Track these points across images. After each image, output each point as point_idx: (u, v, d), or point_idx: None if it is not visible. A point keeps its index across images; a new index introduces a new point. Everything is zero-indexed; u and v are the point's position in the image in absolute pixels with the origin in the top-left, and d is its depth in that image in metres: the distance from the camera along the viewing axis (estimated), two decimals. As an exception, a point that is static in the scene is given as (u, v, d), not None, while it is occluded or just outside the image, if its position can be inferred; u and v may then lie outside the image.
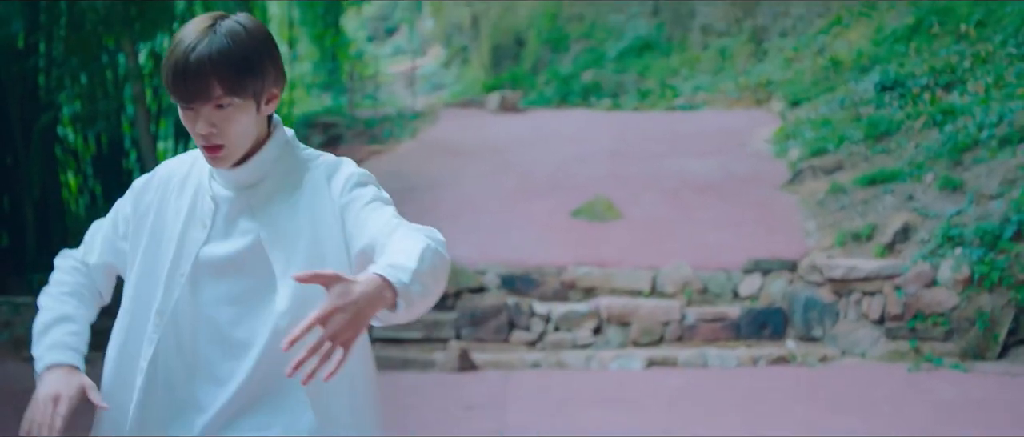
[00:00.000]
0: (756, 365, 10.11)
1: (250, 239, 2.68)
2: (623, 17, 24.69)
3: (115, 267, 2.88)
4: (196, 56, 2.52)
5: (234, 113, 2.58)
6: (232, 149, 2.63)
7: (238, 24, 2.59)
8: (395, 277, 2.34)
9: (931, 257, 10.35)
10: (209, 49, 2.53)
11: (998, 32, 15.45)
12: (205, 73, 2.52)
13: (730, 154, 14.97)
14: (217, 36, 2.55)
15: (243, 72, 2.56)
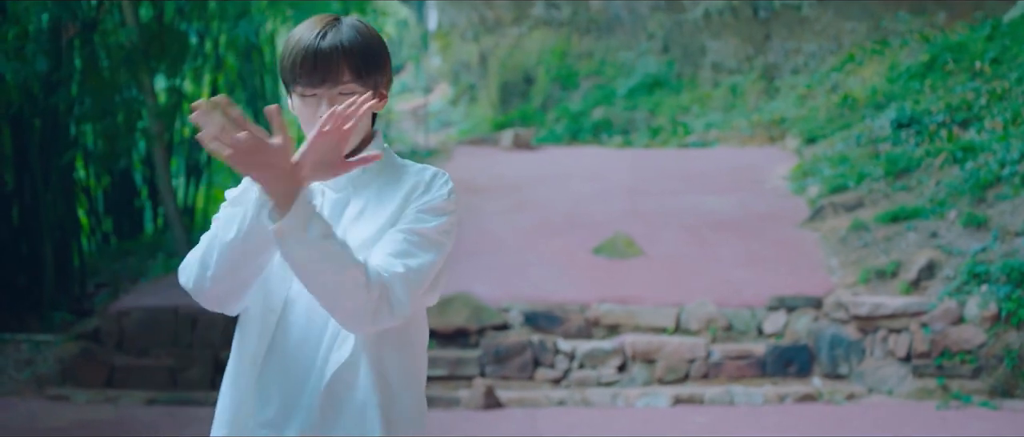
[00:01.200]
0: (783, 403, 10.05)
1: (347, 227, 2.75)
2: (633, 54, 24.73)
3: None
4: (329, 42, 2.65)
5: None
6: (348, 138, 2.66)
7: (359, 21, 2.76)
8: (298, 208, 2.48)
9: (957, 294, 10.32)
10: (340, 37, 2.67)
11: (1013, 69, 15.48)
12: (337, 58, 2.65)
13: (748, 191, 14.96)
14: (344, 28, 2.69)
15: (369, 62, 2.70)
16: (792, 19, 21.45)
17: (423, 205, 2.74)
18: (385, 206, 2.76)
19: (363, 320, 2.59)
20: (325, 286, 2.55)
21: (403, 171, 2.83)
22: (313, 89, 2.67)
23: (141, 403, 10.53)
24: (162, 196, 13.99)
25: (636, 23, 24.81)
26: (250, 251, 2.66)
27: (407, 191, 2.77)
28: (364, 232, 2.72)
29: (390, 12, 28.33)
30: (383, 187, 2.79)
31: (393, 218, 2.73)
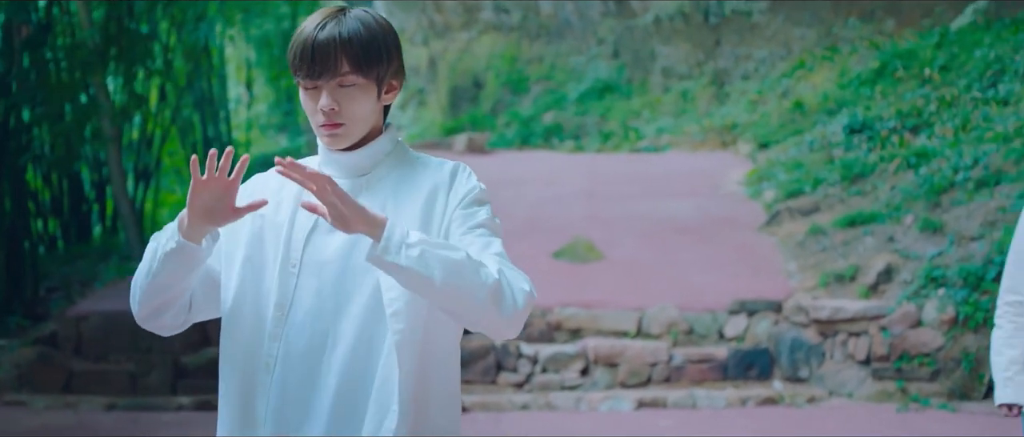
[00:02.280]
0: (745, 406, 10.13)
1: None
2: (583, 59, 24.81)
3: (213, 273, 2.84)
4: (326, 34, 2.63)
5: (356, 93, 2.66)
6: (350, 129, 2.69)
7: (366, 12, 2.71)
8: (392, 229, 2.50)
9: (915, 298, 10.46)
10: (339, 28, 2.64)
11: (961, 77, 15.72)
12: (334, 49, 2.62)
13: (704, 196, 15.06)
14: (347, 19, 2.66)
15: (369, 53, 2.65)
16: (742, 25, 21.62)
17: (464, 202, 2.72)
18: (404, 206, 2.71)
19: (518, 309, 2.59)
20: (466, 296, 2.56)
21: (419, 166, 2.80)
22: (313, 81, 2.65)
23: (101, 409, 10.43)
24: (116, 199, 13.87)
25: (586, 28, 24.90)
26: (163, 280, 2.72)
27: (429, 190, 2.73)
28: (409, 219, 2.69)
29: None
30: (399, 183, 2.75)
31: (420, 224, 2.69)
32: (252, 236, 2.78)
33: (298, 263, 2.70)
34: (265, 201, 2.68)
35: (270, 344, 2.70)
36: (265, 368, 2.70)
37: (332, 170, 2.74)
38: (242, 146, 23.70)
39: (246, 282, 2.75)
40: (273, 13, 23.05)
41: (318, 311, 2.67)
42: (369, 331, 2.65)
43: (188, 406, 10.50)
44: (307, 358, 2.68)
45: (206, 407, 10.44)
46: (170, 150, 19.90)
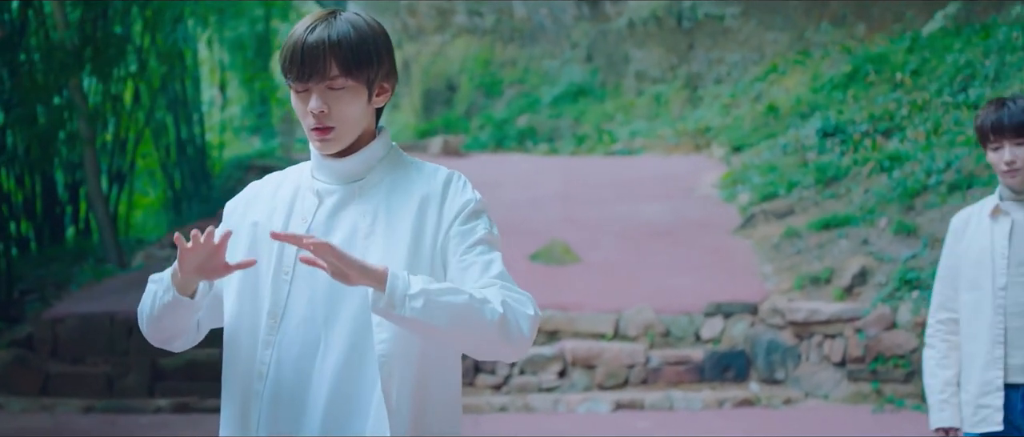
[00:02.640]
0: (721, 408, 10.20)
1: (350, 232, 2.69)
2: (557, 63, 24.88)
3: (217, 289, 2.84)
4: (316, 36, 2.60)
5: (346, 96, 2.63)
6: (341, 133, 2.66)
7: (357, 15, 2.68)
8: (394, 281, 2.48)
9: (890, 300, 10.56)
10: (328, 31, 2.61)
11: (932, 81, 15.86)
12: (323, 52, 2.59)
13: (679, 199, 15.15)
14: (337, 21, 2.63)
15: (360, 55, 2.62)
16: (715, 29, 21.74)
17: (461, 218, 2.70)
18: (397, 217, 2.69)
19: (523, 335, 2.59)
20: (473, 335, 2.58)
21: (413, 171, 2.77)
22: (302, 84, 2.63)
23: (78, 411, 10.40)
24: (92, 201, 13.81)
25: (560, 32, 24.97)
26: (166, 323, 2.78)
27: (420, 200, 2.70)
28: (379, 249, 2.66)
29: (311, 18, 28.21)
30: (391, 190, 2.72)
31: (412, 235, 2.67)
32: (248, 245, 2.77)
33: (291, 270, 2.69)
34: (254, 261, 2.67)
35: (263, 351, 2.69)
36: (259, 376, 2.69)
37: (325, 176, 2.74)
38: (216, 148, 23.64)
39: (243, 290, 2.75)
40: (247, 15, 23.00)
41: (310, 318, 2.67)
42: (361, 339, 2.64)
43: (166, 408, 10.48)
44: (299, 365, 2.66)
45: (184, 409, 10.44)
46: (144, 152, 19.83)
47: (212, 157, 22.87)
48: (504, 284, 2.62)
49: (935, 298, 4.40)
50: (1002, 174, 4.15)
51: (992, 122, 4.12)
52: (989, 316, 4.16)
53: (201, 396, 10.44)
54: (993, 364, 4.15)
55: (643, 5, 22.84)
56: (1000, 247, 4.18)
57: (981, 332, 4.19)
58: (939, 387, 4.31)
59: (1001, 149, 4.10)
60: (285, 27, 27.90)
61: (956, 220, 4.39)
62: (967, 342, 4.25)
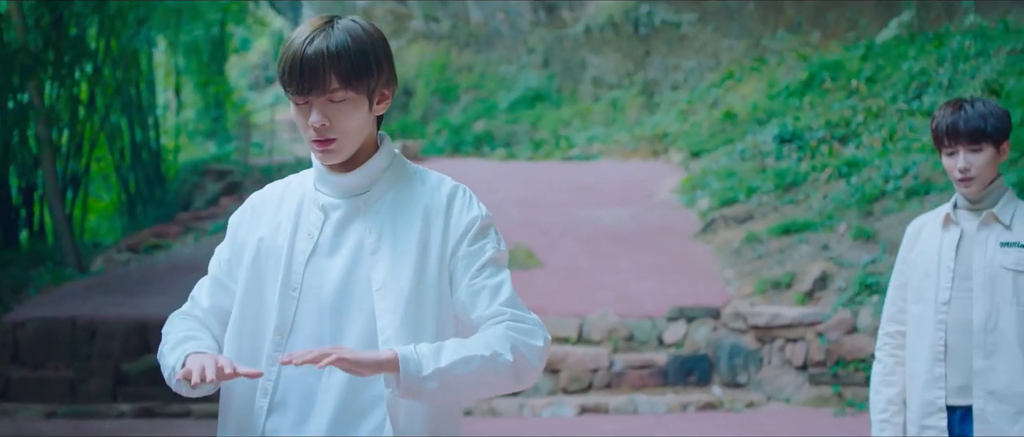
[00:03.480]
0: (685, 411, 10.27)
1: (356, 248, 2.66)
2: (513, 68, 24.94)
3: (228, 310, 2.79)
4: (314, 49, 2.54)
5: (347, 107, 2.59)
6: (343, 144, 2.62)
7: (355, 22, 2.62)
8: (406, 367, 2.48)
9: (850, 305, 10.68)
10: (327, 42, 2.55)
11: (888, 88, 16.06)
12: (322, 65, 2.54)
13: (639, 204, 15.23)
14: (335, 32, 2.57)
15: (359, 66, 2.57)
16: (672, 36, 21.88)
17: (469, 238, 2.67)
18: (402, 233, 2.66)
19: (534, 368, 2.62)
20: (490, 390, 2.62)
21: (416, 181, 2.73)
22: (302, 97, 2.57)
23: (40, 416, 10.32)
24: (51, 204, 13.70)
25: (516, 37, 25.03)
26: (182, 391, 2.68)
27: (424, 214, 2.67)
28: (385, 265, 2.63)
29: (268, 22, 28.16)
30: (396, 204, 2.69)
31: (417, 251, 2.64)
32: (252, 261, 2.72)
33: (299, 287, 2.66)
34: (261, 373, 2.60)
35: (268, 368, 2.65)
36: (263, 392, 2.66)
37: (328, 189, 2.70)
38: (171, 152, 23.53)
39: (247, 307, 2.71)
40: (202, 20, 22.90)
41: (317, 336, 2.63)
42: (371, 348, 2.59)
43: (129, 413, 10.42)
44: (304, 382, 2.63)
45: (147, 414, 10.39)
46: (98, 155, 19.71)
47: (167, 161, 22.79)
48: (513, 311, 2.62)
49: (886, 309, 4.17)
50: (956, 181, 3.90)
51: (947, 126, 3.86)
52: (930, 332, 3.91)
53: (164, 401, 10.39)
54: (934, 383, 3.90)
55: (600, 11, 22.96)
56: (946, 258, 3.93)
57: (923, 348, 3.94)
58: (881, 406, 4.10)
59: (955, 155, 3.86)
60: (240, 31, 27.84)
61: (911, 227, 4.15)
62: (910, 359, 4.01)
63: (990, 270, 3.86)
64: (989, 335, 3.85)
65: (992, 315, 3.84)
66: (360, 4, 27.00)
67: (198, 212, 18.28)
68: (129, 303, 12.02)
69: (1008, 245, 3.86)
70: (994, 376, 3.83)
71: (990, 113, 3.85)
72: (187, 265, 13.89)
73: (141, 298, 12.27)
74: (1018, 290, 3.84)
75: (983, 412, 3.84)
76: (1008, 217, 3.89)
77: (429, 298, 2.64)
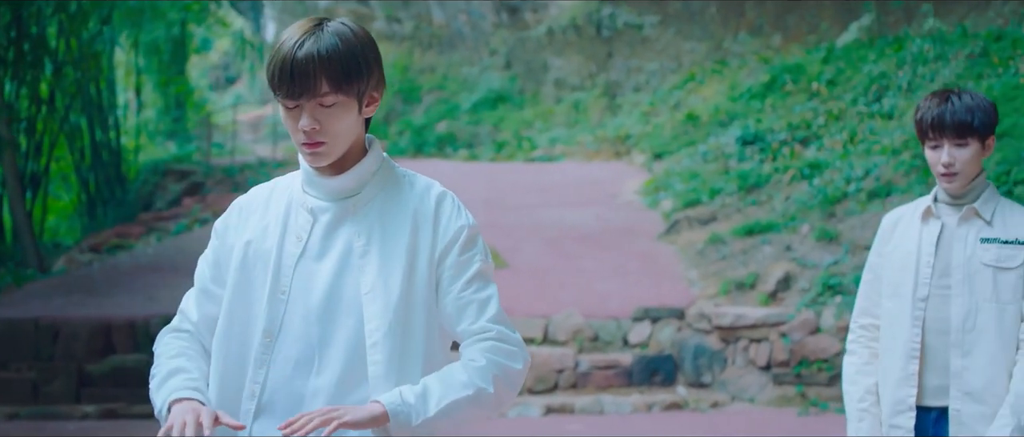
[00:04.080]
0: (650, 411, 10.32)
1: (345, 251, 2.65)
2: (476, 70, 24.98)
3: (217, 318, 2.78)
4: (305, 53, 2.53)
5: (338, 111, 2.57)
6: (333, 147, 2.60)
7: (344, 25, 2.61)
8: (396, 419, 2.51)
9: (813, 305, 10.77)
10: (317, 46, 2.53)
11: (848, 91, 16.22)
12: (313, 70, 2.53)
13: (603, 205, 15.29)
14: (325, 34, 2.56)
15: (350, 70, 2.56)
16: (634, 38, 21.98)
17: (457, 248, 2.67)
18: (392, 238, 2.66)
19: (514, 392, 2.68)
20: (474, 424, 2.64)
21: (404, 187, 2.72)
22: (292, 101, 2.56)
23: (2, 418, 10.23)
24: (12, 204, 13.58)
25: (479, 39, 25.06)
26: None
27: (414, 219, 2.67)
28: (374, 269, 2.63)
29: (229, 22, 28.03)
30: (385, 209, 2.68)
31: (407, 257, 2.64)
32: (239, 264, 2.71)
33: (288, 289, 2.65)
34: (243, 425, 2.60)
35: (256, 371, 2.64)
36: (250, 395, 2.65)
37: (317, 192, 2.69)
38: (131, 152, 23.39)
39: (235, 310, 2.70)
40: (163, 20, 22.76)
41: (305, 338, 2.62)
42: (356, 359, 2.61)
43: (93, 415, 10.35)
44: (292, 385, 2.63)
45: (111, 415, 10.32)
46: (58, 155, 19.57)
47: (127, 161, 22.64)
48: (499, 329, 2.65)
49: (859, 302, 4.04)
50: (938, 176, 3.76)
51: (933, 118, 3.71)
52: (906, 329, 3.80)
53: (128, 402, 10.33)
54: (906, 381, 3.79)
55: (562, 13, 23.03)
56: (926, 253, 3.81)
57: (897, 345, 3.82)
58: (859, 395, 3.93)
59: (939, 148, 3.72)
60: (201, 31, 27.71)
61: (887, 219, 4.03)
62: (884, 354, 3.89)
63: (970, 266, 3.75)
64: (967, 334, 3.75)
65: (971, 313, 3.74)
66: (322, 4, 26.95)
67: (160, 212, 18.21)
68: (92, 304, 11.95)
69: (988, 241, 3.75)
70: (971, 376, 3.73)
71: (977, 106, 3.72)
72: (150, 265, 13.84)
73: (105, 298, 12.21)
74: (998, 287, 3.73)
75: (959, 414, 3.74)
76: (989, 212, 3.77)
77: (418, 303, 2.64)
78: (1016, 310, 3.72)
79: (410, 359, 2.63)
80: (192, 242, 15.08)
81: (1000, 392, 3.71)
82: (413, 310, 2.63)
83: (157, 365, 2.74)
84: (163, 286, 12.52)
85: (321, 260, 2.65)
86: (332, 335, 2.62)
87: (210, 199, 17.64)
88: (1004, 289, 3.72)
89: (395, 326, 2.60)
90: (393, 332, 2.59)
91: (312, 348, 2.62)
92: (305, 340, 2.62)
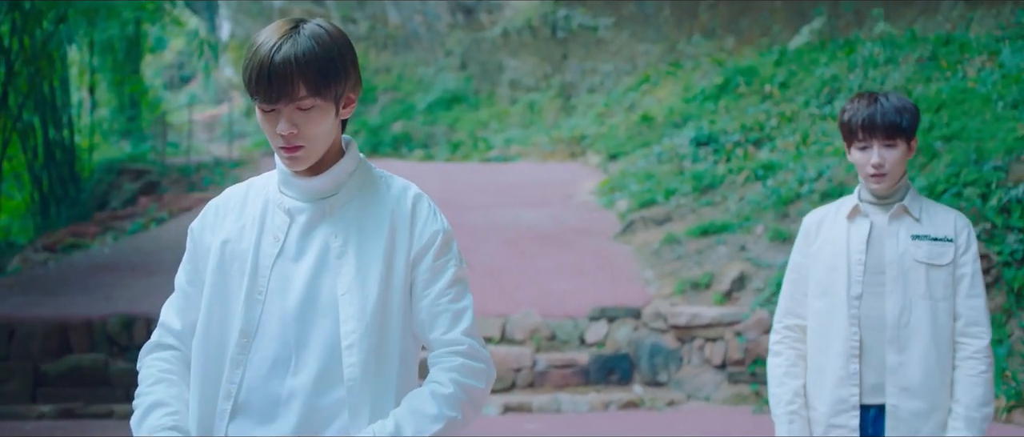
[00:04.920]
0: (607, 410, 10.41)
1: (322, 252, 2.64)
2: (431, 70, 25.03)
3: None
4: (282, 57, 2.50)
5: (315, 114, 2.55)
6: (311, 150, 2.59)
7: (320, 27, 2.58)
8: None
9: (768, 304, 10.89)
10: (294, 50, 2.51)
11: (800, 93, 16.41)
12: (290, 74, 2.50)
13: (559, 205, 15.38)
14: (301, 37, 2.53)
15: (327, 73, 2.54)
16: (589, 40, 22.10)
17: (432, 253, 2.68)
18: (369, 239, 2.65)
19: (479, 412, 2.69)
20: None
21: (382, 187, 2.73)
22: (270, 105, 2.53)
23: (-42, 418, 10.18)
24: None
25: (434, 39, 25.10)
26: None
27: (391, 220, 2.67)
28: (351, 271, 2.62)
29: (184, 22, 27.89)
30: (362, 209, 2.68)
31: (384, 259, 2.64)
32: (217, 264, 2.70)
33: (265, 290, 2.63)
34: None
35: (232, 371, 2.63)
36: (226, 395, 2.63)
37: (294, 192, 2.68)
38: (85, 151, 23.25)
39: (212, 310, 2.68)
40: (118, 18, 22.63)
41: (281, 339, 2.61)
42: (332, 360, 2.59)
43: (49, 414, 10.31)
44: (268, 385, 2.61)
45: (68, 415, 10.28)
46: (11, 154, 19.43)
47: (81, 160, 22.49)
48: (470, 344, 2.66)
49: (782, 302, 4.02)
50: (867, 177, 3.78)
51: (863, 119, 3.73)
52: (843, 327, 3.80)
53: (85, 402, 10.31)
54: (847, 380, 3.79)
55: (518, 15, 23.11)
56: (857, 252, 3.82)
57: (833, 344, 3.81)
58: (788, 398, 3.90)
59: (869, 149, 3.75)
60: (155, 30, 27.57)
61: (809, 220, 4.03)
62: (816, 354, 3.88)
63: (903, 263, 3.78)
64: (902, 329, 3.77)
65: (906, 309, 3.77)
66: (277, 4, 26.89)
67: (116, 212, 18.11)
68: (48, 303, 11.91)
69: (919, 238, 3.79)
70: (907, 372, 3.75)
71: (905, 108, 3.77)
72: (107, 265, 13.79)
73: (61, 298, 12.16)
74: (930, 284, 3.77)
75: (896, 410, 3.77)
76: (917, 210, 3.82)
77: (395, 305, 2.64)
78: (948, 307, 3.77)
79: (386, 361, 2.63)
80: (149, 241, 15.05)
81: (936, 387, 3.77)
82: (390, 312, 2.63)
83: (139, 392, 2.75)
84: (120, 286, 12.49)
85: (298, 261, 2.64)
86: (308, 336, 2.60)
87: (166, 198, 17.59)
88: (936, 286, 3.77)
89: (372, 328, 2.60)
90: (370, 334, 2.59)
91: (289, 348, 2.60)
92: (281, 340, 2.61)
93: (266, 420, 2.61)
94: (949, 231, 3.79)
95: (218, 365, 2.65)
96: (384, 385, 2.62)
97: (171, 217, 16.28)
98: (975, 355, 3.77)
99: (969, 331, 3.79)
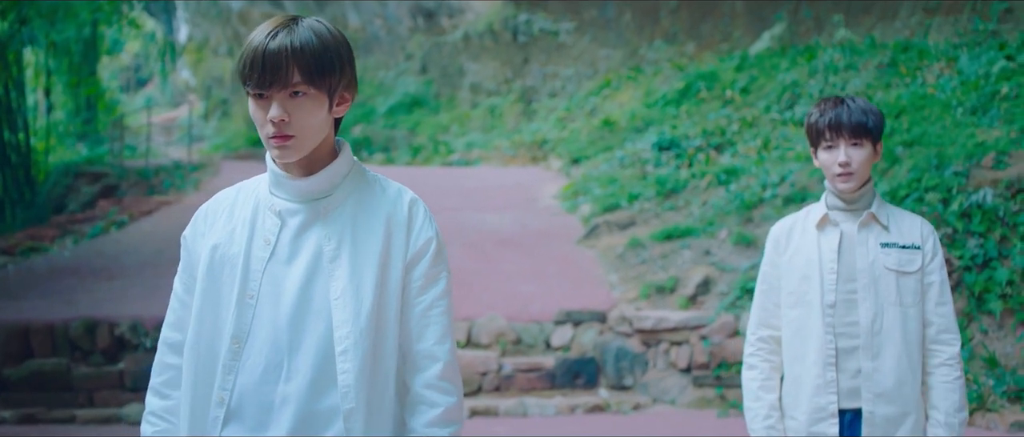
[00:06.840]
0: (573, 413, 10.42)
1: (315, 255, 2.62)
2: (392, 74, 25.00)
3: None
4: (277, 43, 2.51)
5: (307, 104, 2.55)
6: (301, 142, 2.57)
7: (319, 23, 2.60)
8: None
9: (732, 308, 10.96)
10: (290, 37, 2.52)
11: (761, 99, 16.50)
12: (285, 59, 2.51)
13: (522, 209, 15.39)
14: (299, 29, 2.54)
15: (322, 64, 2.55)
16: (550, 44, 22.15)
17: (426, 260, 2.68)
18: (364, 242, 2.63)
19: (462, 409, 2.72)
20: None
21: (377, 189, 2.71)
22: (262, 90, 2.52)
23: (-82, 423, 10.05)
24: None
25: (395, 43, 25.07)
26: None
27: (386, 224, 2.65)
28: (345, 274, 2.60)
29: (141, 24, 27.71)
30: (357, 213, 2.66)
31: (379, 262, 2.63)
32: (207, 269, 2.68)
33: (256, 294, 2.61)
34: None
35: (224, 377, 2.61)
36: (219, 402, 2.61)
37: (286, 194, 2.66)
38: (40, 154, 23.04)
39: (204, 315, 2.66)
40: (74, 20, 22.44)
41: (274, 343, 2.59)
42: (326, 365, 2.58)
43: (10, 420, 10.20)
44: (261, 390, 2.59)
45: (30, 420, 10.18)
46: (-35, 157, 19.25)
47: (37, 163, 22.30)
48: (446, 363, 2.66)
49: (755, 314, 4.04)
50: (834, 177, 3.82)
51: (830, 120, 3.78)
52: (818, 336, 3.84)
53: (47, 407, 10.21)
54: (825, 388, 3.83)
55: (479, 19, 23.12)
56: (829, 261, 3.86)
57: (809, 353, 3.86)
58: (764, 412, 3.95)
59: (835, 149, 3.79)
60: (112, 33, 27.37)
61: (776, 230, 4.04)
62: (793, 363, 3.92)
63: (874, 271, 3.83)
64: (875, 336, 3.82)
65: (878, 316, 3.81)
66: (235, 6, 26.75)
67: (74, 215, 17.96)
68: (9, 307, 11.78)
69: (888, 246, 3.85)
70: (881, 378, 3.80)
71: (870, 110, 3.83)
72: (68, 268, 13.66)
73: (21, 302, 12.03)
74: (901, 290, 3.83)
75: (872, 415, 3.81)
76: (885, 218, 3.87)
77: (390, 310, 2.62)
78: (917, 313, 3.84)
79: (381, 366, 2.62)
80: (110, 245, 14.91)
81: (909, 393, 3.83)
82: (385, 317, 2.61)
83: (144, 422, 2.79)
84: (81, 290, 12.38)
85: (290, 264, 2.62)
86: (301, 341, 2.58)
87: (126, 202, 17.44)
88: (906, 293, 3.82)
89: (366, 333, 2.57)
90: (364, 339, 2.57)
91: (281, 354, 2.58)
92: (274, 345, 2.59)
93: (259, 426, 2.58)
94: (916, 238, 3.85)
95: (210, 371, 2.63)
96: (379, 391, 2.61)
97: (131, 220, 16.15)
98: (948, 362, 3.83)
99: (941, 338, 3.85)
